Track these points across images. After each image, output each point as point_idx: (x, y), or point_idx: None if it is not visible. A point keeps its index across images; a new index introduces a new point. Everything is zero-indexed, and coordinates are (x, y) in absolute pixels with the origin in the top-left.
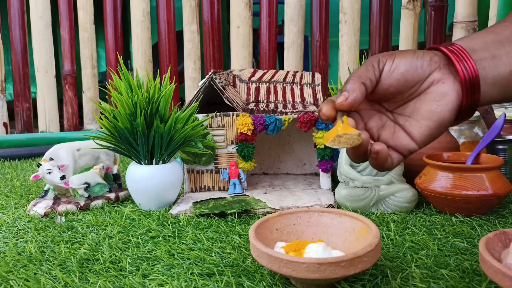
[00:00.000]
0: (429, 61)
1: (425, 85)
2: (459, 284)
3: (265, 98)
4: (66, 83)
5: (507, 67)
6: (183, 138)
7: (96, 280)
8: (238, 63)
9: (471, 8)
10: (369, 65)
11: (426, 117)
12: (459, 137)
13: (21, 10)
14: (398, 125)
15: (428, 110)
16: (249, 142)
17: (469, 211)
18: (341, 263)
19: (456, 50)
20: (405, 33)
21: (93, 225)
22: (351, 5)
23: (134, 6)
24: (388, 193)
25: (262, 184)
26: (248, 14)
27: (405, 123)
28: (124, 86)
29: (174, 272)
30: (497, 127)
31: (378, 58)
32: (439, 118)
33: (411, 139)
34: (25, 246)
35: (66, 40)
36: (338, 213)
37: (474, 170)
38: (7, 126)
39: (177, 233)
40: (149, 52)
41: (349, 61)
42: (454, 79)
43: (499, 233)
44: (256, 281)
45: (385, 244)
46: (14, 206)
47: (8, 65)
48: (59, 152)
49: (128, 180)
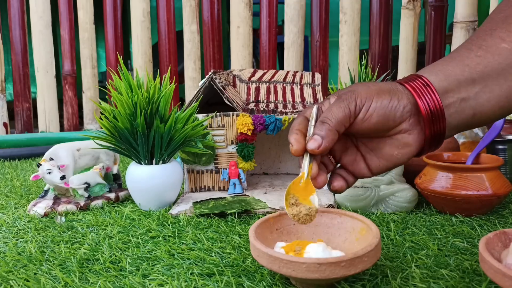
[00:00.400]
0: (401, 111)
1: (393, 132)
2: (459, 284)
3: (265, 98)
4: (66, 83)
5: (471, 111)
6: (183, 138)
7: (96, 280)
8: (238, 63)
9: (471, 8)
10: (345, 107)
11: (386, 159)
12: (459, 137)
13: (21, 10)
14: (359, 154)
15: (389, 154)
16: (249, 142)
17: (469, 211)
18: (341, 263)
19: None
20: (405, 33)
21: (93, 225)
22: (351, 5)
23: (134, 6)
24: (388, 193)
25: (262, 184)
26: (248, 14)
27: (366, 154)
28: (124, 86)
29: (174, 272)
30: (497, 127)
31: (355, 101)
32: (397, 162)
33: (368, 170)
34: (25, 246)
35: (66, 40)
36: (338, 213)
37: (474, 170)
38: (7, 126)
39: (177, 233)
40: (149, 52)
41: (349, 61)
42: (420, 130)
43: (499, 233)
44: (256, 281)
45: (385, 244)
46: (14, 206)
47: (8, 65)
48: (59, 152)
49: (128, 180)
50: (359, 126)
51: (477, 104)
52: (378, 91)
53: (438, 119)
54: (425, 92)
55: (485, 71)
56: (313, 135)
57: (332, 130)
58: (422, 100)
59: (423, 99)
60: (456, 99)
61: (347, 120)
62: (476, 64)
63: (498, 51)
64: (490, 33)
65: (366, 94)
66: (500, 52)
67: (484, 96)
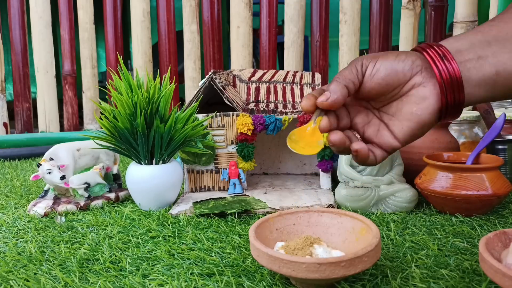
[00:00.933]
0: (410, 65)
1: (406, 88)
2: (459, 284)
3: (265, 98)
4: (66, 83)
5: (492, 68)
6: (183, 138)
7: (96, 280)
8: (238, 63)
9: (471, 8)
10: (352, 67)
11: (407, 118)
12: (459, 137)
13: (21, 10)
14: (383, 123)
15: (409, 112)
16: (249, 142)
17: (469, 211)
18: (341, 263)
19: (437, 52)
20: (405, 33)
21: (93, 225)
22: (351, 5)
23: (134, 6)
24: (388, 193)
25: (262, 184)
26: (248, 14)
27: (389, 122)
28: (124, 86)
29: (174, 272)
30: (497, 127)
31: (362, 61)
32: (420, 120)
33: (394, 138)
34: (25, 246)
35: (66, 40)
36: (338, 213)
37: (474, 170)
38: (7, 126)
39: (177, 233)
40: (149, 52)
41: (349, 61)
42: (436, 82)
43: (499, 233)
44: (256, 281)
45: (385, 244)
46: (14, 206)
47: (8, 65)
48: (59, 152)
49: (128, 180)
50: (369, 84)
51: (498, 62)
52: (384, 53)
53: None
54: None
55: (500, 35)
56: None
57: (340, 84)
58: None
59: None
60: (473, 56)
61: (354, 77)
62: (489, 30)
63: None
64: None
65: (372, 55)
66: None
67: (505, 56)
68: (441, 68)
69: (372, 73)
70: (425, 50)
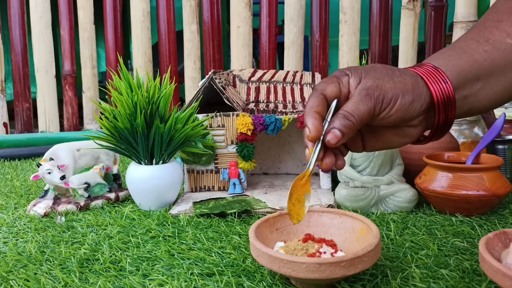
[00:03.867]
0: (418, 111)
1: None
2: (459, 284)
3: (265, 98)
4: (66, 83)
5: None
6: (183, 138)
7: (96, 280)
8: (238, 63)
9: (471, 8)
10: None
11: (383, 142)
12: (459, 137)
13: (21, 10)
14: (359, 133)
15: (389, 140)
16: (249, 142)
17: (469, 211)
18: (341, 263)
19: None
20: (405, 33)
21: (93, 225)
22: (351, 5)
23: (134, 6)
24: (388, 193)
25: (262, 184)
26: (248, 14)
27: (366, 135)
28: (124, 86)
29: (174, 272)
30: (497, 127)
31: (382, 102)
32: (392, 147)
33: (362, 147)
34: (25, 246)
35: (66, 40)
36: (338, 213)
37: (474, 170)
38: (7, 126)
39: (177, 233)
40: (149, 52)
41: (349, 61)
42: (426, 125)
43: (499, 233)
44: (256, 281)
45: (385, 244)
46: (14, 206)
47: (8, 65)
48: (59, 152)
49: (128, 180)
50: (374, 122)
51: (475, 100)
52: (403, 91)
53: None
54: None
55: (491, 68)
56: (333, 127)
57: (354, 129)
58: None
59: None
60: (460, 96)
61: (369, 119)
62: (484, 60)
63: (503, 46)
64: (497, 26)
65: (392, 94)
66: (505, 48)
67: (484, 93)
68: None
69: (385, 117)
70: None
